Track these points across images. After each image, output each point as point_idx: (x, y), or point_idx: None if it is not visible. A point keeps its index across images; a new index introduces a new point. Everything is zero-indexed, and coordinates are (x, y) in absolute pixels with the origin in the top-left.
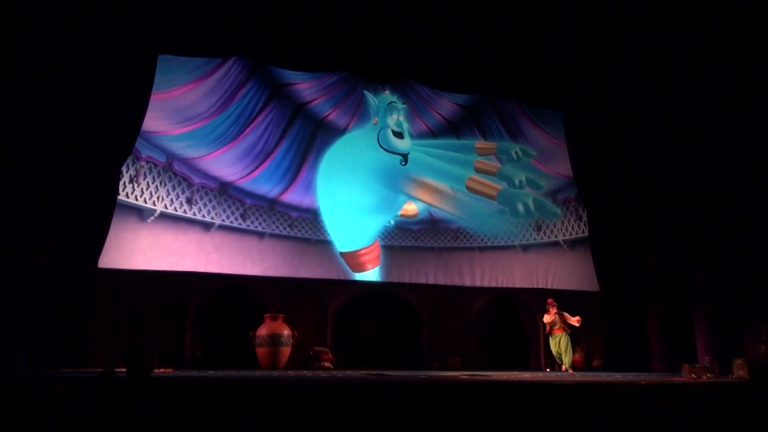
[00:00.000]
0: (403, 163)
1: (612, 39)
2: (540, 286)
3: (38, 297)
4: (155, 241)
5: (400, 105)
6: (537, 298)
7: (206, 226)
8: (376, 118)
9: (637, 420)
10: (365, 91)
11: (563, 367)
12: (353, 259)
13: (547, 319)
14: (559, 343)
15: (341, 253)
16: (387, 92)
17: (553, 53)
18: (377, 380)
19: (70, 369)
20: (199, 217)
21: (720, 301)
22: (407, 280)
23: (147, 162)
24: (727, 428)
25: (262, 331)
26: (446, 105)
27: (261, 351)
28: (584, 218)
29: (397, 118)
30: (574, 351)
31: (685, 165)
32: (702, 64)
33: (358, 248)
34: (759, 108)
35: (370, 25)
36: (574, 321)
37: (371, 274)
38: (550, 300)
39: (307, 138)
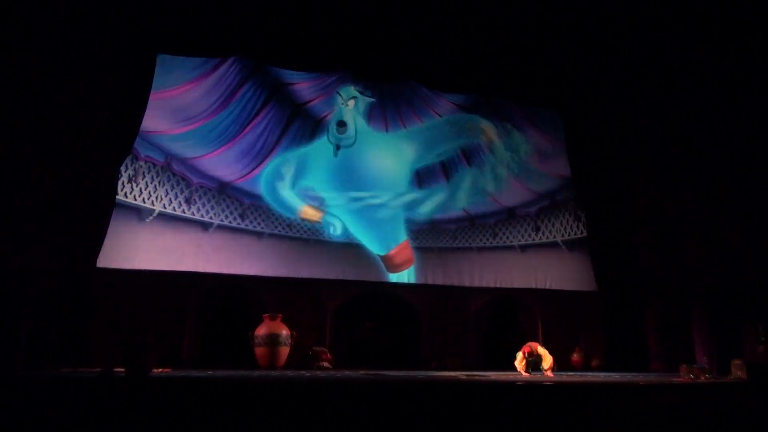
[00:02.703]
0: (336, 152)
1: (612, 40)
2: (539, 287)
3: (37, 296)
4: (154, 241)
5: (345, 95)
6: (536, 299)
7: (205, 226)
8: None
9: (635, 420)
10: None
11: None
12: (388, 261)
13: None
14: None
15: (380, 257)
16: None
17: (552, 54)
18: (376, 380)
19: (69, 369)
20: (197, 216)
21: (719, 301)
22: (406, 280)
23: (146, 162)
24: (725, 429)
25: (261, 330)
26: (445, 105)
27: (259, 351)
28: (583, 219)
29: (340, 109)
30: (573, 351)
31: (683, 166)
32: (701, 64)
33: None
34: (759, 107)
35: (370, 25)
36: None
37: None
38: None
39: (306, 138)
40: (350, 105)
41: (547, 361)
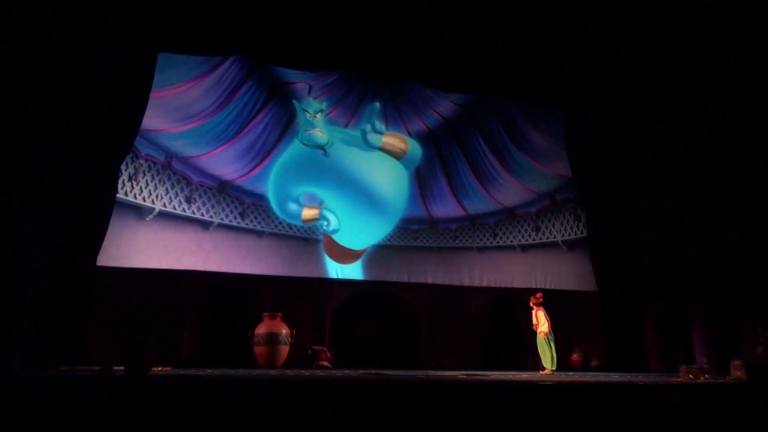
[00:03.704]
0: (324, 154)
1: (611, 41)
2: (539, 287)
3: (37, 295)
4: (154, 240)
5: (315, 105)
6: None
7: (205, 225)
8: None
9: (634, 421)
10: (294, 101)
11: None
12: (345, 252)
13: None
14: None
15: (338, 245)
16: (310, 98)
17: (552, 54)
18: (375, 380)
19: (68, 367)
20: (197, 215)
21: (718, 301)
22: (406, 280)
23: (146, 160)
24: (725, 429)
25: (261, 329)
26: (446, 105)
27: (259, 350)
28: (583, 219)
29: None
30: (572, 351)
31: (683, 166)
32: (700, 65)
33: (360, 248)
34: (758, 107)
35: (370, 24)
36: (543, 326)
37: (357, 272)
38: (539, 294)
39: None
40: (318, 117)
41: (543, 324)
